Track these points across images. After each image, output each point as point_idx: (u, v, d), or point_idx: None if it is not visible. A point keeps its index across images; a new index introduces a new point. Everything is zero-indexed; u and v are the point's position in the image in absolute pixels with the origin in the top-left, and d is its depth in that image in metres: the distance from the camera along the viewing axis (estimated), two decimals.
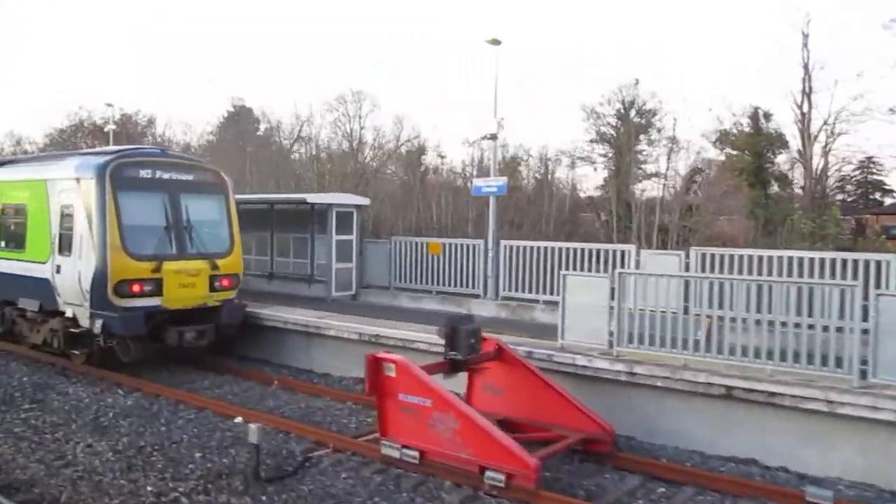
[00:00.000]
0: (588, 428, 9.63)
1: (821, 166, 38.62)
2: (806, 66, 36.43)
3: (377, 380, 9.29)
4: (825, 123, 37.43)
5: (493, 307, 15.56)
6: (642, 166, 43.98)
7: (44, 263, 13.93)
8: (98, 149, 15.39)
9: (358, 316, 15.07)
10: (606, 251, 14.27)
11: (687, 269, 13.27)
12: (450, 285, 16.60)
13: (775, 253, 12.58)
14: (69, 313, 13.62)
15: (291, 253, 19.29)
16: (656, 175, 43.37)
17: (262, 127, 53.24)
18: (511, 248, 15.59)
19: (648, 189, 43.76)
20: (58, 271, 13.59)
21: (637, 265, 13.78)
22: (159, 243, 13.43)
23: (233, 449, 9.85)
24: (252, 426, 8.88)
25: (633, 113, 43.17)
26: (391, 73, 63.59)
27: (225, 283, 14.34)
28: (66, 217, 13.46)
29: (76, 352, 13.89)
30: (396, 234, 20.36)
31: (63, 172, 13.80)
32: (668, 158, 40.37)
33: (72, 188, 13.35)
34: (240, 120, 53.22)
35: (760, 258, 12.52)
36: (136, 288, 13.02)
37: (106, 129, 29.06)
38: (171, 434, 10.49)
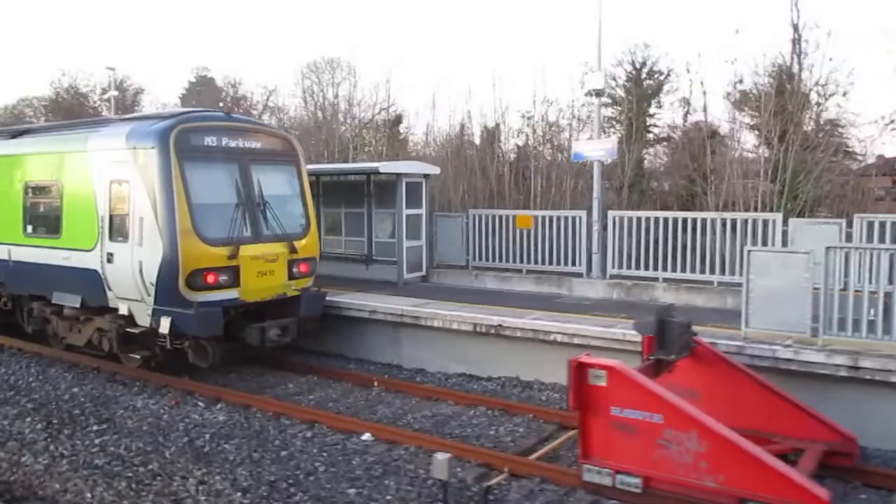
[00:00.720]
0: (824, 437, 7.94)
1: (810, 128, 37.37)
2: (795, 27, 34.84)
3: (581, 390, 7.44)
4: (816, 84, 36.10)
5: (602, 287, 13.73)
6: (652, 130, 42.21)
7: (88, 251, 11.61)
8: (147, 113, 12.99)
9: (449, 301, 13.14)
10: (745, 221, 12.50)
11: (849, 239, 11.62)
12: (544, 263, 14.69)
13: None
14: (123, 310, 11.38)
15: (343, 230, 17.14)
16: (668, 139, 41.66)
17: (228, 97, 49.63)
18: (620, 219, 13.72)
19: (658, 154, 42.07)
20: (109, 260, 11.31)
21: (784, 236, 12.08)
22: (233, 224, 11.22)
23: (388, 479, 7.92)
24: (440, 457, 6.95)
25: (644, 74, 41.23)
26: (370, 42, 60.13)
27: (303, 268, 12.22)
28: (118, 195, 11.15)
29: (136, 356, 11.67)
30: (474, 208, 18.24)
31: (111, 141, 11.42)
32: (685, 121, 38.67)
33: (125, 160, 11.03)
34: (202, 91, 49.65)
35: None
36: (210, 278, 10.85)
37: (107, 96, 26.03)
38: (297, 461, 8.48)
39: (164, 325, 10.79)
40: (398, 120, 46.55)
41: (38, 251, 12.63)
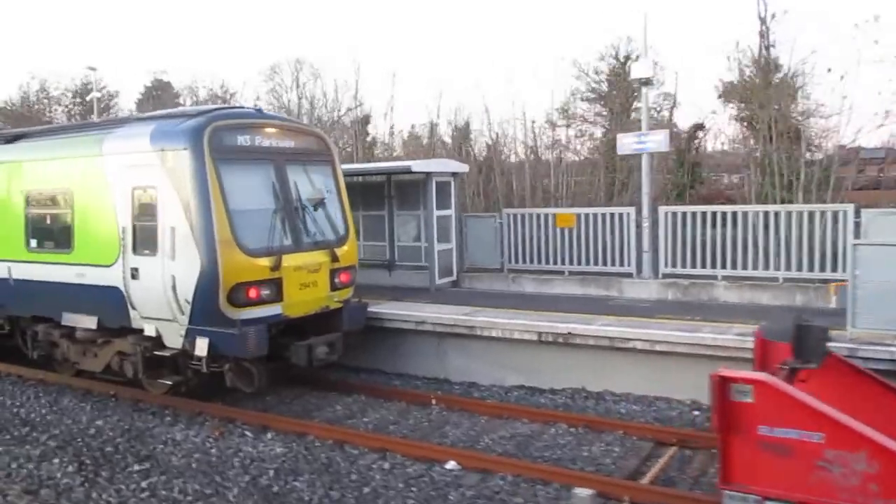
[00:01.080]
0: None
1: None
2: (763, 19, 34.72)
3: (723, 408, 6.59)
4: (785, 76, 36.04)
5: (655, 287, 12.96)
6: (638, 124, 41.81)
7: (108, 267, 10.39)
8: (169, 111, 11.71)
9: (496, 308, 12.23)
10: (811, 213, 11.86)
11: None
12: (588, 264, 13.87)
13: None
14: (149, 331, 10.20)
15: (362, 235, 16.05)
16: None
17: (186, 102, 47.69)
18: (672, 214, 12.96)
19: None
20: (133, 276, 10.11)
21: (857, 227, 11.46)
22: (273, 232, 10.15)
23: None
24: (582, 493, 6.08)
25: (628, 68, 40.83)
26: (337, 41, 58.75)
27: (344, 278, 11.18)
28: (143, 203, 9.97)
29: (166, 381, 10.48)
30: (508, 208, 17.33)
31: (132, 143, 10.22)
32: (670, 115, 38.51)
33: (151, 163, 9.85)
34: (160, 95, 47.63)
35: None
36: (253, 293, 9.75)
37: (89, 97, 24.41)
38: (385, 498, 7.48)
39: (202, 347, 9.65)
40: (366, 120, 45.22)
41: (44, 268, 11.34)
